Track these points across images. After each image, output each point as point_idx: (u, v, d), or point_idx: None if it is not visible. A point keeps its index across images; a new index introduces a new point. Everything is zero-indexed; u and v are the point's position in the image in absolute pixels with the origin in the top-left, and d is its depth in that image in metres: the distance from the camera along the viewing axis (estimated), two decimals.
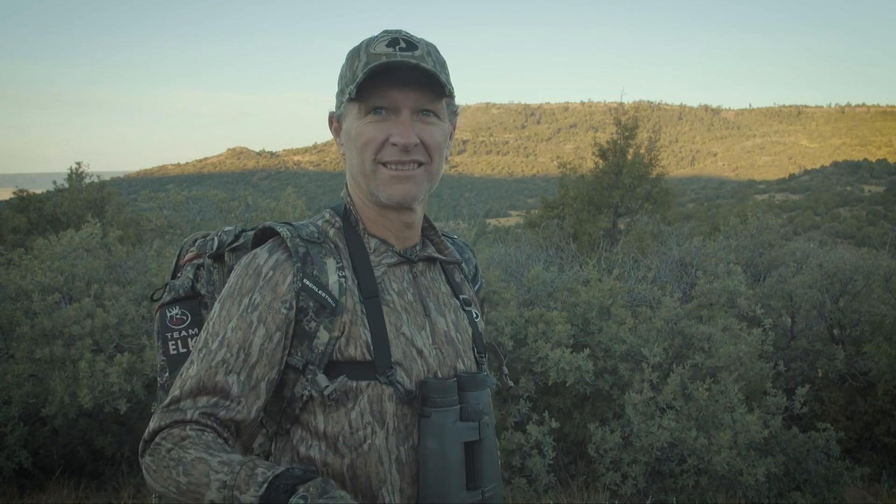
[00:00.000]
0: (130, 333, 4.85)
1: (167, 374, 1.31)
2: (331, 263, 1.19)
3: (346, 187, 1.31)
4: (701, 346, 5.00)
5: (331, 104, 1.29)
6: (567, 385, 4.68)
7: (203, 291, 1.35)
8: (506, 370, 1.43)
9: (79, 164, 12.11)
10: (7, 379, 4.73)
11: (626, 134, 12.91)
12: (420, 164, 1.21)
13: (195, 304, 1.34)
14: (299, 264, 1.16)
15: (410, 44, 1.19)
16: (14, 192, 12.27)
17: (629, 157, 12.73)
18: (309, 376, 1.14)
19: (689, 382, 4.78)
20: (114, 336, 4.79)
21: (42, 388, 4.72)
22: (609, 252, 8.62)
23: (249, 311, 1.14)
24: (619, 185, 12.50)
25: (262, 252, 1.20)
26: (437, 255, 1.33)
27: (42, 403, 4.65)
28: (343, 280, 1.18)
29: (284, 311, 1.14)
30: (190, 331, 1.33)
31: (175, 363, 1.31)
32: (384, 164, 1.20)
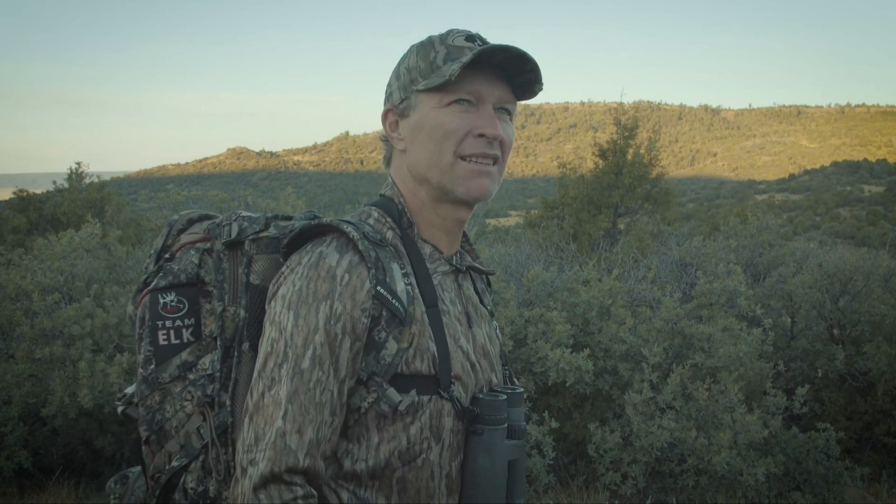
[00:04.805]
0: (130, 333, 4.84)
1: (152, 367, 1.16)
2: (396, 269, 1.11)
3: (395, 186, 1.23)
4: (701, 346, 5.00)
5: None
6: (567, 385, 4.67)
7: (208, 279, 1.19)
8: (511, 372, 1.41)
9: (79, 164, 12.12)
10: (7, 379, 4.74)
11: (626, 134, 12.89)
12: (496, 161, 1.19)
13: (194, 291, 1.18)
14: (374, 270, 1.08)
15: (485, 42, 1.17)
16: (14, 192, 12.28)
17: (629, 157, 12.71)
18: (373, 388, 1.08)
19: (689, 382, 4.78)
20: (114, 336, 4.79)
21: (42, 388, 4.72)
22: (609, 252, 8.61)
23: (332, 322, 1.05)
24: (618, 185, 12.48)
25: (330, 252, 1.09)
26: (477, 264, 1.29)
27: (42, 403, 4.65)
28: (409, 288, 1.11)
29: (364, 319, 1.07)
30: (185, 321, 1.17)
31: (164, 354, 1.16)
32: (463, 158, 1.16)
